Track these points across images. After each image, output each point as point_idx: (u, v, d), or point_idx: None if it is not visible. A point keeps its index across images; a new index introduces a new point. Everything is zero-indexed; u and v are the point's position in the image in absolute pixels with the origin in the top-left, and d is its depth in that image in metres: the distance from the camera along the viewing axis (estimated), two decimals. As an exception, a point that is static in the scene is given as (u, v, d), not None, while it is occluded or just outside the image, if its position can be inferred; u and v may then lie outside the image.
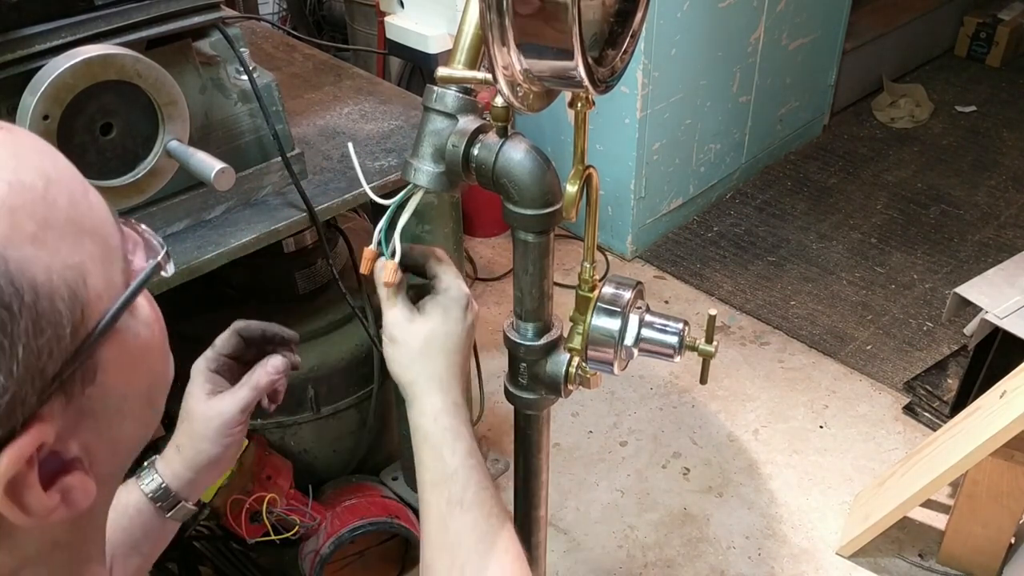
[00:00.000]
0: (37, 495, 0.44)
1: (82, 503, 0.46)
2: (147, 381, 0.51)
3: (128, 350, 0.48)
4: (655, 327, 0.86)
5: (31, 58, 1.05)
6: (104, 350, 0.46)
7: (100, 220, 0.48)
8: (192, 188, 1.26)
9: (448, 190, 0.81)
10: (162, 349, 0.53)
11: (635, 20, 0.77)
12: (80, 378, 0.45)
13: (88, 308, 0.44)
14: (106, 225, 0.48)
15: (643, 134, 2.74)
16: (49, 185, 0.44)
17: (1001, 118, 3.69)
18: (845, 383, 2.49)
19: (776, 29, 3.04)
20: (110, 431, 0.48)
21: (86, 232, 0.46)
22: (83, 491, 0.46)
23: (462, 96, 0.78)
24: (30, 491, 0.43)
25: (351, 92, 1.68)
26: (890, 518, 1.92)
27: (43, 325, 0.42)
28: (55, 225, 0.44)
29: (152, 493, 0.81)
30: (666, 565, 2.02)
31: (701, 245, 3.03)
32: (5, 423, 0.41)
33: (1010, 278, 2.09)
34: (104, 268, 0.46)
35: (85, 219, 0.46)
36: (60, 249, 0.43)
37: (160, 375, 0.53)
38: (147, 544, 0.83)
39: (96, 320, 0.45)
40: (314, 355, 1.71)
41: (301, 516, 1.66)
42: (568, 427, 2.36)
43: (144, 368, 0.50)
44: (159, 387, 0.53)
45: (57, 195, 0.45)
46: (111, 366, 0.47)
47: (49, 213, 0.44)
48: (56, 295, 0.42)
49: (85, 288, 0.44)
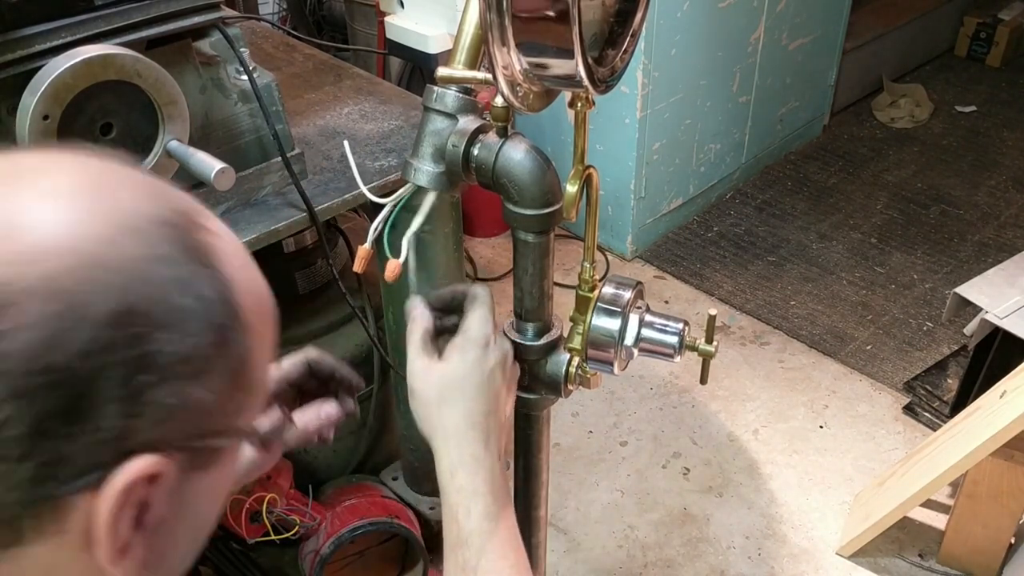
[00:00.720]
0: (128, 525, 0.43)
1: (135, 560, 0.45)
2: (209, 513, 0.52)
3: (226, 473, 0.50)
4: (655, 327, 0.86)
5: (31, 58, 1.05)
6: (225, 453, 0.48)
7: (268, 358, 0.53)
8: (192, 188, 1.25)
9: (448, 190, 0.81)
10: (223, 499, 0.54)
11: (635, 20, 0.77)
12: (200, 457, 0.46)
13: (242, 408, 0.48)
14: (267, 363, 0.53)
15: (643, 134, 2.74)
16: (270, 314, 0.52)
17: (1001, 118, 3.69)
18: (845, 383, 2.49)
19: (776, 29, 3.04)
20: (173, 531, 0.48)
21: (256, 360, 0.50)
22: (148, 550, 0.45)
23: (462, 96, 0.78)
24: (126, 514, 0.43)
25: (351, 92, 1.68)
26: (890, 518, 1.92)
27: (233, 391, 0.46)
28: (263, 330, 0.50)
29: None
30: (666, 565, 2.02)
31: (701, 245, 3.03)
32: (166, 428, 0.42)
33: (1010, 278, 2.09)
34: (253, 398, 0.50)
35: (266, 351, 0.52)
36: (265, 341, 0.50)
37: (211, 520, 0.53)
38: None
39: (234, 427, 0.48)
40: (314, 355, 1.71)
41: (301, 516, 1.66)
42: (568, 427, 2.36)
43: (214, 501, 0.51)
44: (207, 528, 0.53)
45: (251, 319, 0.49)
46: (210, 473, 0.48)
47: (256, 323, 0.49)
48: (248, 372, 0.47)
49: (245, 396, 0.48)
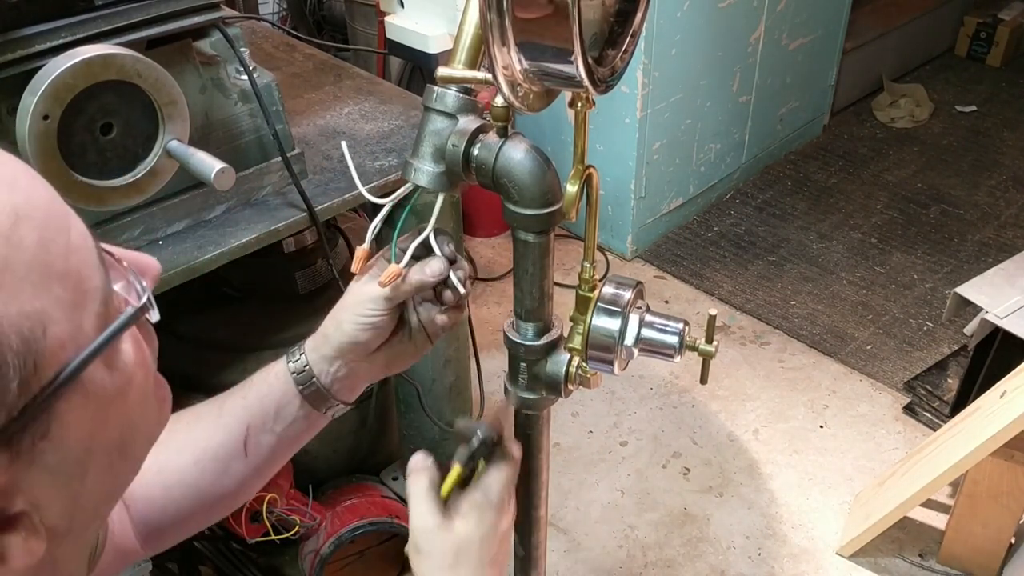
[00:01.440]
0: None
1: (21, 563, 0.42)
2: (118, 433, 0.46)
3: (95, 402, 0.43)
4: (655, 327, 0.86)
5: (31, 58, 1.05)
6: (62, 403, 0.41)
7: (78, 261, 0.43)
8: (192, 188, 1.26)
9: (448, 190, 0.81)
10: (143, 397, 0.48)
11: (635, 20, 0.77)
12: (30, 433, 0.40)
13: (44, 359, 0.40)
14: (85, 267, 0.43)
15: (643, 134, 2.74)
16: (18, 223, 0.40)
17: (1001, 118, 3.69)
18: (845, 383, 2.48)
19: (776, 29, 3.04)
20: (68, 486, 0.44)
21: (55, 275, 0.41)
22: (25, 551, 0.42)
23: (462, 96, 0.78)
24: None
25: (351, 92, 1.68)
26: (890, 518, 1.92)
27: None
28: (16, 268, 0.39)
29: (295, 371, 0.78)
30: (666, 565, 2.02)
31: (701, 245, 3.03)
32: None
33: (1010, 278, 2.09)
34: (72, 315, 0.42)
35: (57, 260, 0.42)
36: (19, 294, 0.39)
37: (137, 425, 0.48)
38: (281, 425, 0.80)
39: (55, 372, 0.41)
40: (314, 355, 1.71)
41: (301, 516, 1.66)
42: (568, 427, 2.36)
43: (116, 420, 0.46)
44: (136, 437, 0.49)
45: (25, 234, 0.40)
46: (71, 419, 0.42)
47: (12, 254, 0.39)
48: (4, 345, 0.38)
49: (44, 337, 0.40)
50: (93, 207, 1.10)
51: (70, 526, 0.46)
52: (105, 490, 0.48)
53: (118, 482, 0.49)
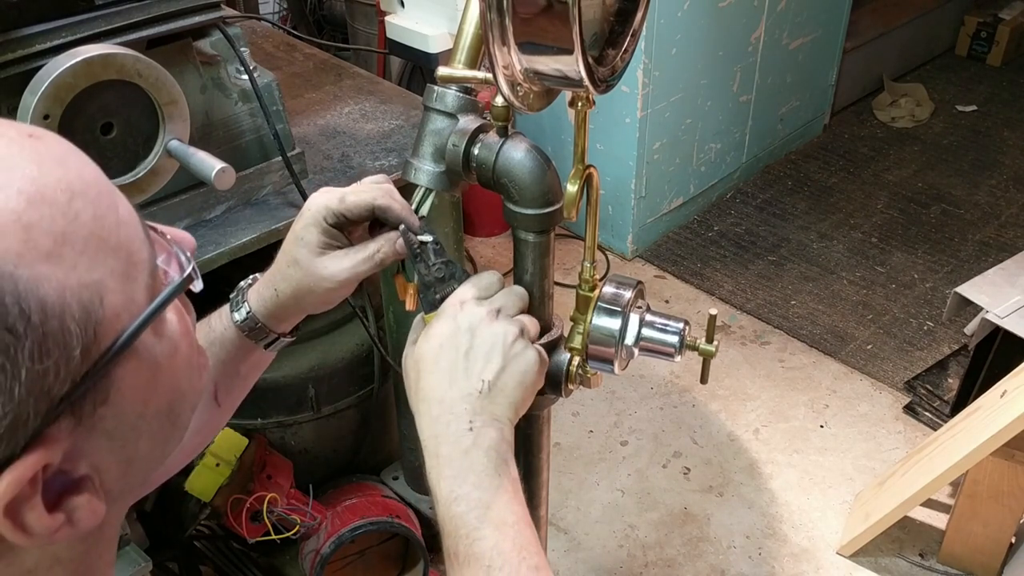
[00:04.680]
0: (39, 516, 0.42)
1: (88, 523, 0.45)
2: (168, 399, 0.49)
3: (147, 369, 0.46)
4: (656, 326, 0.86)
5: (31, 58, 1.05)
6: (119, 370, 0.44)
7: (127, 235, 0.46)
8: (192, 187, 1.26)
9: (448, 190, 0.81)
10: (188, 365, 0.51)
11: (635, 19, 0.77)
12: (91, 399, 0.43)
13: (102, 327, 0.43)
14: (133, 240, 0.46)
15: (643, 133, 2.74)
16: (73, 198, 0.43)
17: (1002, 117, 3.69)
18: (846, 383, 2.48)
19: (777, 28, 3.04)
20: (124, 450, 0.47)
21: (109, 248, 0.44)
22: (90, 512, 0.45)
23: (462, 96, 0.78)
24: (32, 512, 0.42)
25: (351, 92, 1.68)
26: (891, 517, 1.92)
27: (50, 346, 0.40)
28: (74, 241, 0.42)
29: (243, 324, 0.77)
30: (667, 565, 2.02)
31: (702, 244, 3.03)
32: (6, 445, 0.40)
33: (1011, 277, 2.09)
34: (125, 285, 0.44)
35: (110, 234, 0.44)
36: (77, 266, 0.42)
37: (185, 392, 0.51)
38: (246, 367, 0.80)
39: (112, 339, 0.43)
40: (314, 355, 1.71)
41: (302, 515, 1.66)
42: (569, 427, 2.36)
43: (166, 386, 0.48)
44: (183, 404, 0.51)
45: (81, 209, 0.43)
46: (127, 386, 0.45)
47: (69, 228, 0.42)
48: (67, 315, 0.41)
49: (101, 307, 0.43)
50: (93, 207, 1.10)
51: (123, 490, 0.49)
52: (155, 455, 0.51)
53: (167, 447, 0.52)
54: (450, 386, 0.68)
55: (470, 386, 0.68)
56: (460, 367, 0.69)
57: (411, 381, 0.72)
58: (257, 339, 0.79)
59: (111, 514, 0.48)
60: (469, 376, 0.68)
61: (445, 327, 0.71)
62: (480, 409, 0.68)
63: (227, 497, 1.56)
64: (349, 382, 1.77)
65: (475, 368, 0.69)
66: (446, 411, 0.68)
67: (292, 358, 1.68)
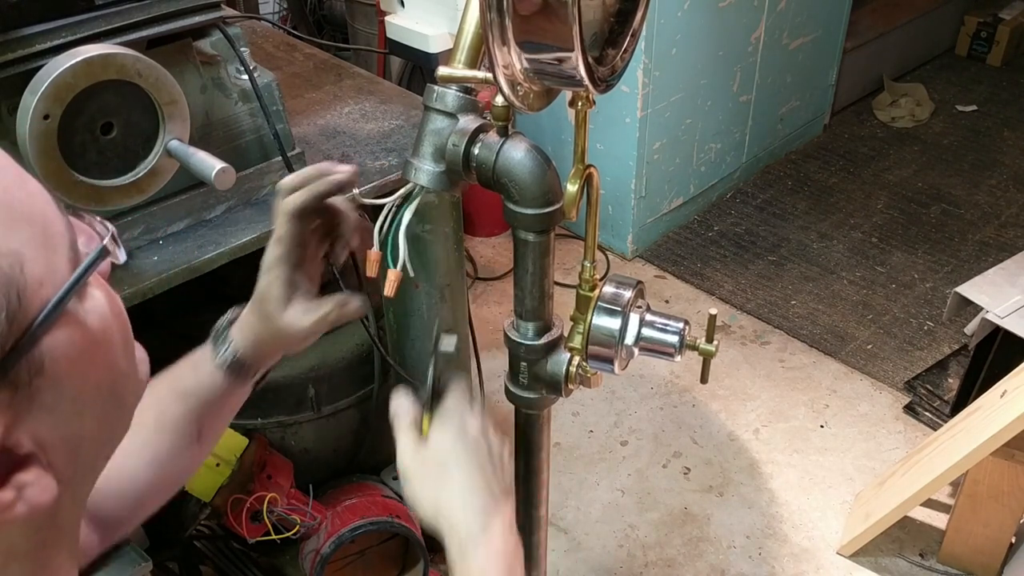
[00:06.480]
0: None
1: (41, 499, 0.44)
2: (108, 376, 0.49)
3: (80, 340, 0.46)
4: (656, 326, 0.86)
5: (31, 58, 1.05)
6: (51, 339, 0.44)
7: (40, 207, 0.46)
8: (193, 188, 1.26)
9: (449, 189, 0.81)
10: (123, 345, 0.51)
11: (635, 19, 0.77)
12: (26, 368, 0.43)
13: (27, 295, 0.43)
14: (47, 212, 0.46)
15: (643, 133, 2.74)
16: None
17: (1002, 117, 3.69)
18: (846, 382, 2.48)
19: (777, 28, 3.04)
20: (68, 427, 0.47)
21: (22, 217, 0.44)
22: (41, 489, 0.44)
23: (463, 95, 0.78)
24: None
25: (352, 91, 1.68)
26: (891, 517, 1.92)
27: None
28: None
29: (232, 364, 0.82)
30: (667, 564, 2.02)
31: (702, 244, 3.03)
32: None
33: (1011, 277, 2.09)
34: (45, 255, 0.44)
35: (21, 204, 0.44)
36: None
37: (125, 374, 0.51)
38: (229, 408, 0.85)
39: (39, 307, 0.43)
40: (314, 354, 1.71)
41: (302, 515, 1.66)
42: (569, 426, 2.36)
43: (102, 361, 0.48)
44: (125, 385, 0.51)
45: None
46: (61, 355, 0.45)
47: None
48: None
49: (23, 274, 0.43)
50: (94, 207, 1.10)
51: (73, 474, 0.49)
52: (102, 437, 0.51)
53: (113, 433, 0.52)
54: None
55: None
56: None
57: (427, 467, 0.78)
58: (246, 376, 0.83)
59: (64, 501, 0.48)
60: None
61: (453, 431, 0.78)
62: None
63: (227, 497, 1.56)
64: (349, 382, 1.77)
65: None
66: None
67: (292, 358, 1.68)
